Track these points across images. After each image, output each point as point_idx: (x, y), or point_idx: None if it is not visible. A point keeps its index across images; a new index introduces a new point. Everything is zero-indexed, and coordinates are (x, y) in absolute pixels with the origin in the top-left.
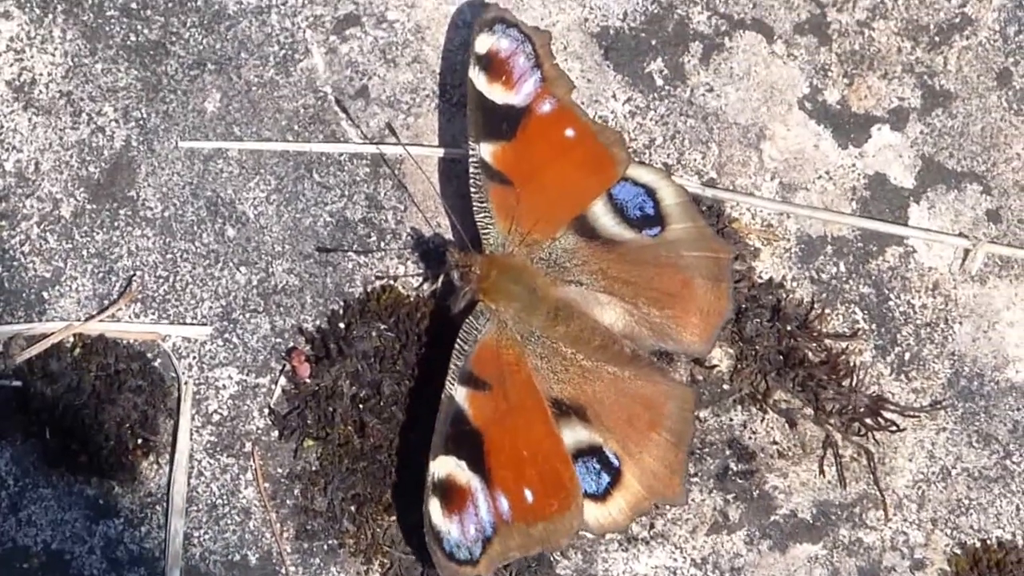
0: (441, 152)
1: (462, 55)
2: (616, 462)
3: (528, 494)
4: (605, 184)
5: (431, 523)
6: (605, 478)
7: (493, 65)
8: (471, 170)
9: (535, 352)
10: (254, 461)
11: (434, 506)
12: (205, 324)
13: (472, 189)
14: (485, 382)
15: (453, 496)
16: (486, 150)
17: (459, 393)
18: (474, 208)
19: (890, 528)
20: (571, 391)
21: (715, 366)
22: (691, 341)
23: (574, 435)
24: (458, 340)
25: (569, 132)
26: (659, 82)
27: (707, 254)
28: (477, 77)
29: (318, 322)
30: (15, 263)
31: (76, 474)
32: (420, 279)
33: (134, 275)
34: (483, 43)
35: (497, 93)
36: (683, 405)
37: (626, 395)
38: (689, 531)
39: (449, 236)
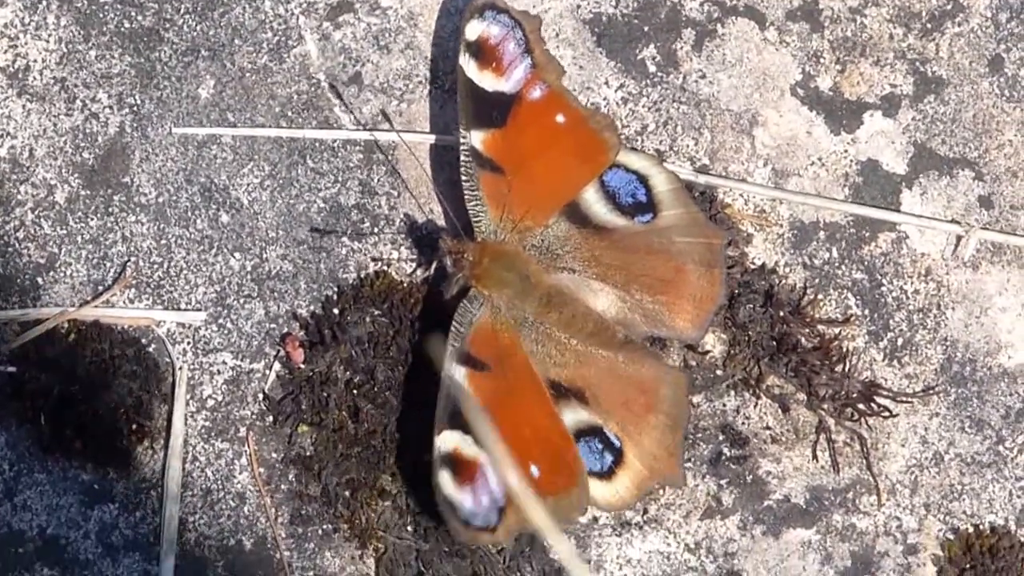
0: (434, 139)
1: (455, 42)
2: (617, 442)
3: (534, 470)
4: (596, 170)
5: (444, 494)
6: (608, 457)
7: (483, 52)
8: (462, 158)
9: (530, 337)
10: (249, 446)
11: (444, 478)
12: (199, 310)
13: (463, 177)
14: (483, 363)
15: (462, 468)
16: (477, 138)
17: (458, 372)
18: (465, 196)
19: (883, 513)
20: (568, 374)
21: (708, 352)
22: (684, 327)
23: (574, 416)
24: (453, 322)
25: (560, 118)
26: (652, 69)
27: (700, 240)
28: (467, 64)
29: (312, 308)
30: (9, 249)
31: (71, 459)
32: (414, 265)
33: (128, 261)
34: (473, 30)
35: (487, 80)
36: (677, 389)
37: (621, 379)
38: (682, 516)
39: (442, 222)
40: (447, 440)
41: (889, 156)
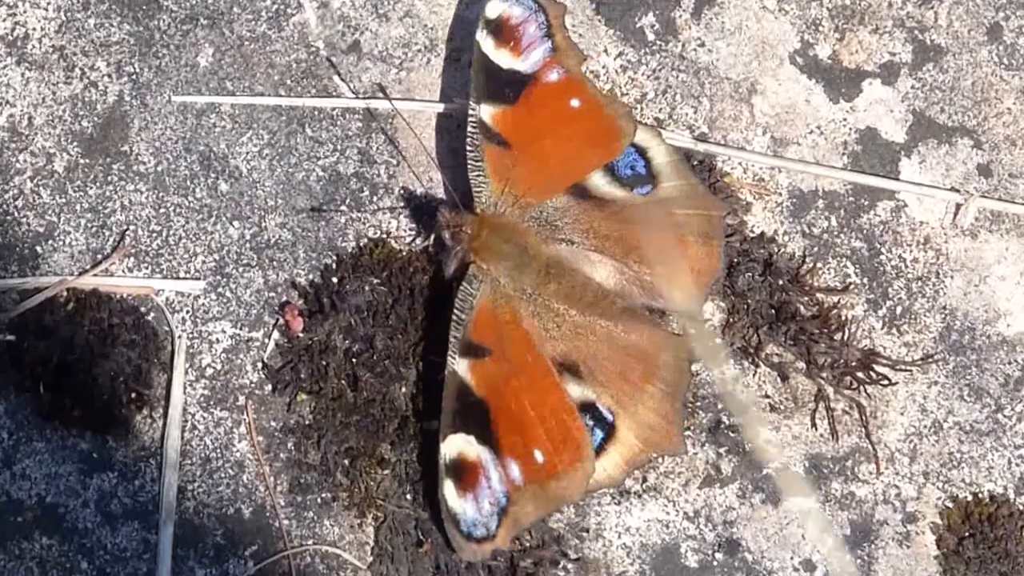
0: (433, 107)
1: (454, 10)
2: (610, 417)
3: (538, 454)
4: (608, 156)
5: (448, 507)
6: (599, 433)
7: (502, 31)
8: (468, 129)
9: (527, 311)
10: (247, 415)
11: (448, 489)
12: (198, 278)
13: (468, 148)
14: (485, 348)
15: (465, 474)
16: (486, 111)
17: (461, 366)
18: (468, 166)
19: (882, 482)
20: (564, 348)
21: (707, 320)
22: (681, 299)
23: (568, 392)
24: (455, 310)
25: (575, 102)
26: (650, 37)
27: (699, 212)
28: (484, 40)
29: (311, 276)
30: (8, 218)
31: (70, 428)
32: (413, 234)
33: (127, 230)
34: (493, 8)
35: (504, 58)
36: (677, 355)
37: (619, 348)
38: (682, 484)
39: (441, 190)
40: (452, 445)
41: (888, 124)
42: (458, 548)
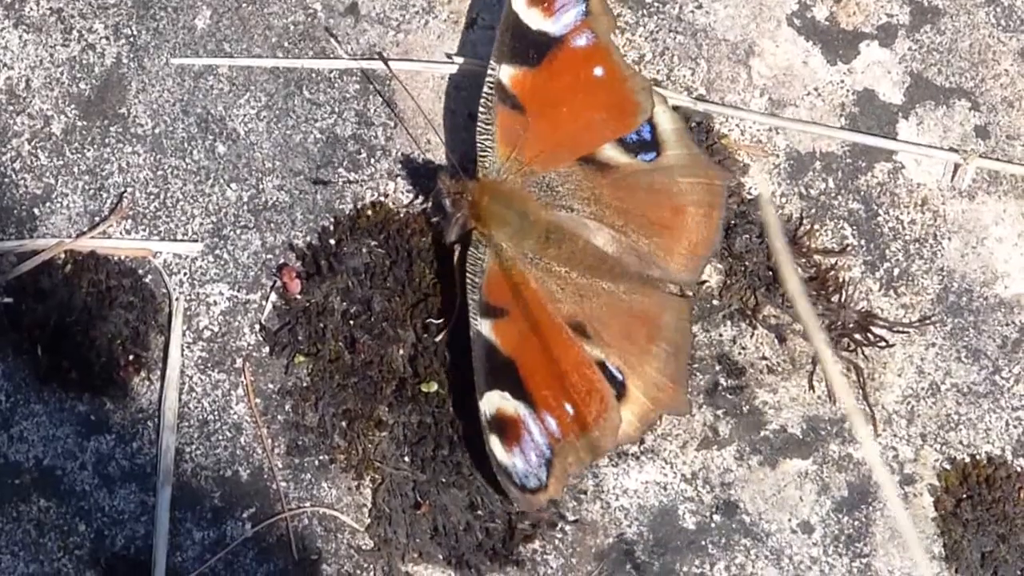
0: (431, 68)
1: None
2: (620, 376)
3: (568, 407)
4: (623, 130)
5: (498, 461)
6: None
7: None
8: (484, 90)
9: (532, 274)
10: (245, 377)
11: (495, 444)
12: (196, 240)
13: (480, 109)
14: (502, 309)
15: (507, 429)
16: (506, 72)
17: (484, 326)
18: (478, 128)
19: (879, 443)
20: (569, 309)
21: (704, 282)
22: (677, 270)
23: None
24: (467, 274)
25: (598, 71)
26: None
27: (701, 180)
28: None
29: (309, 238)
30: (6, 180)
31: (67, 390)
32: (410, 196)
33: (125, 192)
34: None
35: (534, 17)
36: (679, 316)
37: (622, 310)
38: (679, 446)
39: (439, 152)
40: (490, 402)
41: (886, 86)
42: (516, 500)
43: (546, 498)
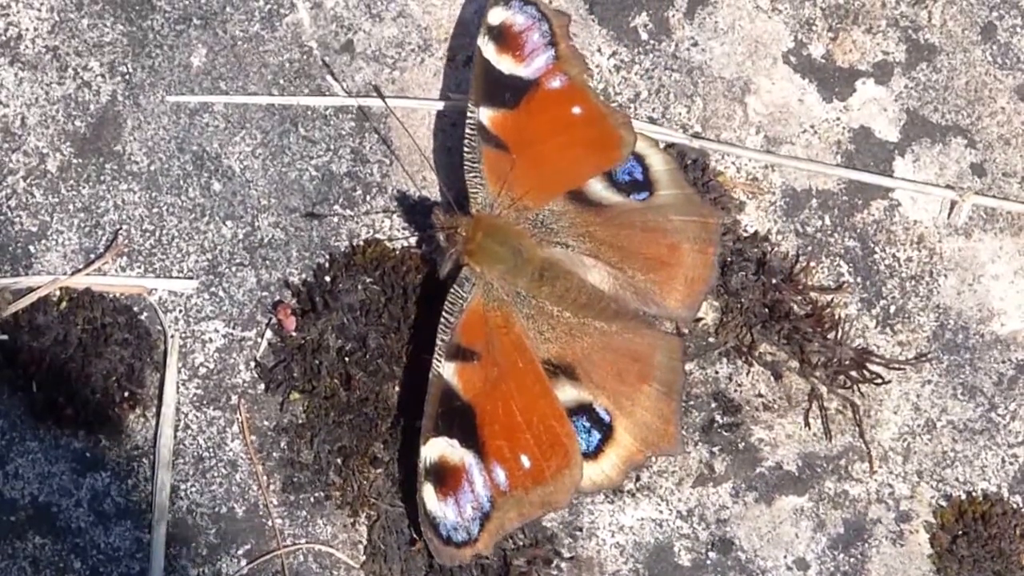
0: (426, 106)
1: (447, 10)
2: (607, 418)
3: (525, 460)
4: (607, 164)
5: (426, 510)
6: (596, 435)
7: (505, 38)
8: (466, 131)
9: (521, 314)
10: (240, 414)
11: (428, 492)
12: (191, 278)
13: (465, 150)
14: (473, 352)
15: (447, 477)
16: (485, 114)
17: (447, 369)
18: (465, 167)
19: (875, 480)
20: (558, 350)
21: (701, 319)
22: (674, 307)
23: (563, 395)
24: (443, 313)
25: (576, 110)
26: (644, 36)
27: (695, 219)
28: (486, 46)
29: (304, 275)
30: (1, 217)
31: (63, 427)
32: (406, 233)
33: (120, 229)
34: (496, 16)
35: (505, 64)
36: (671, 355)
37: (614, 350)
38: (675, 483)
39: (435, 189)
40: (434, 447)
41: (882, 124)
42: (436, 552)
43: (471, 553)
